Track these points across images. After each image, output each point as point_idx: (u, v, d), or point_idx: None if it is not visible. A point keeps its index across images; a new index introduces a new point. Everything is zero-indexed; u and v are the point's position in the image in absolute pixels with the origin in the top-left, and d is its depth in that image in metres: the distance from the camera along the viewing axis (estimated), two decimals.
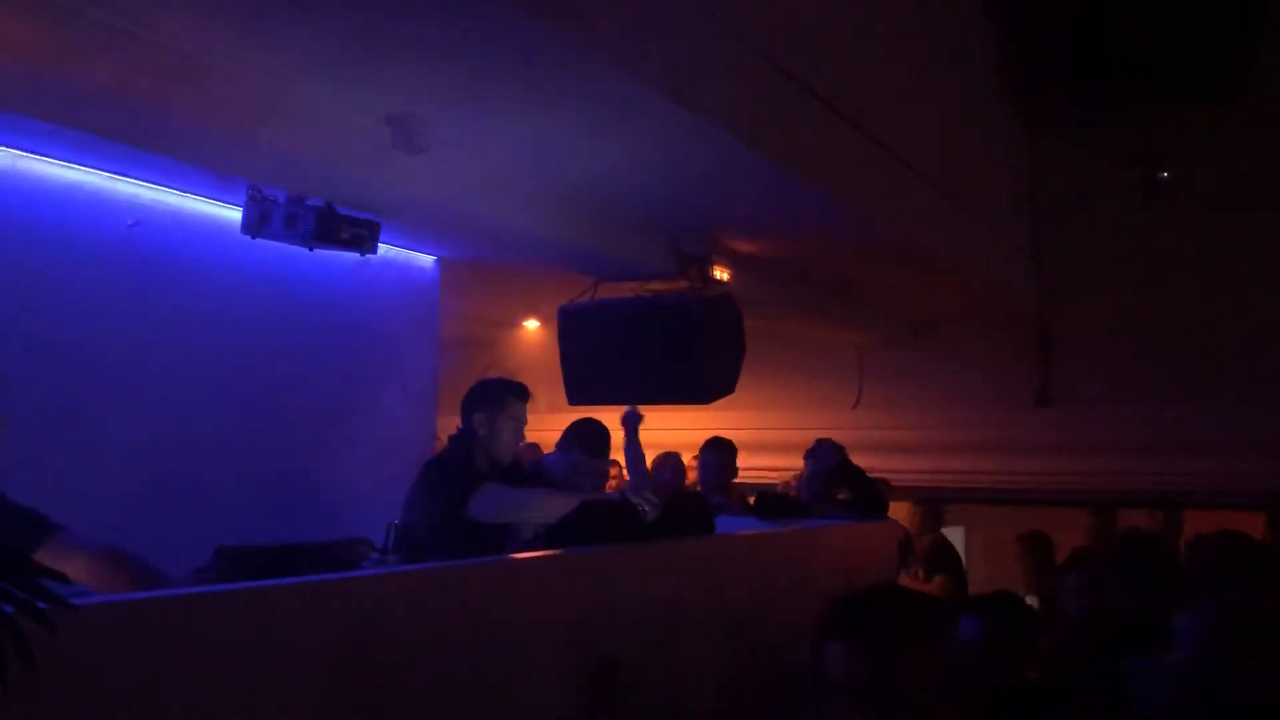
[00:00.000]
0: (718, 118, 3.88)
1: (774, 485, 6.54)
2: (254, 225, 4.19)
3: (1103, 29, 7.36)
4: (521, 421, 3.71)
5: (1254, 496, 7.05)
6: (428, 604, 2.33)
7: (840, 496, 5.06)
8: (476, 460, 3.57)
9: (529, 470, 4.02)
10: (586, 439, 4.26)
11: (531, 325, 9.02)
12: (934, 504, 6.82)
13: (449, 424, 3.97)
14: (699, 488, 5.65)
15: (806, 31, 4.53)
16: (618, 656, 2.81)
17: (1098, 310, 8.18)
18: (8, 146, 3.83)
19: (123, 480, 4.12)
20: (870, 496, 4.84)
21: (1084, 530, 6.36)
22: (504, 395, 3.70)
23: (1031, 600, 5.25)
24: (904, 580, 5.42)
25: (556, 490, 3.49)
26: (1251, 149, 7.72)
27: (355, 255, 4.46)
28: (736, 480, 6.06)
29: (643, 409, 6.44)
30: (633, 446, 5.57)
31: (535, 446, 6.45)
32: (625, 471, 5.92)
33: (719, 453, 5.65)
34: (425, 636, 2.27)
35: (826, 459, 4.81)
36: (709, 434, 5.90)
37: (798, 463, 5.60)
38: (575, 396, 5.81)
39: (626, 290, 5.83)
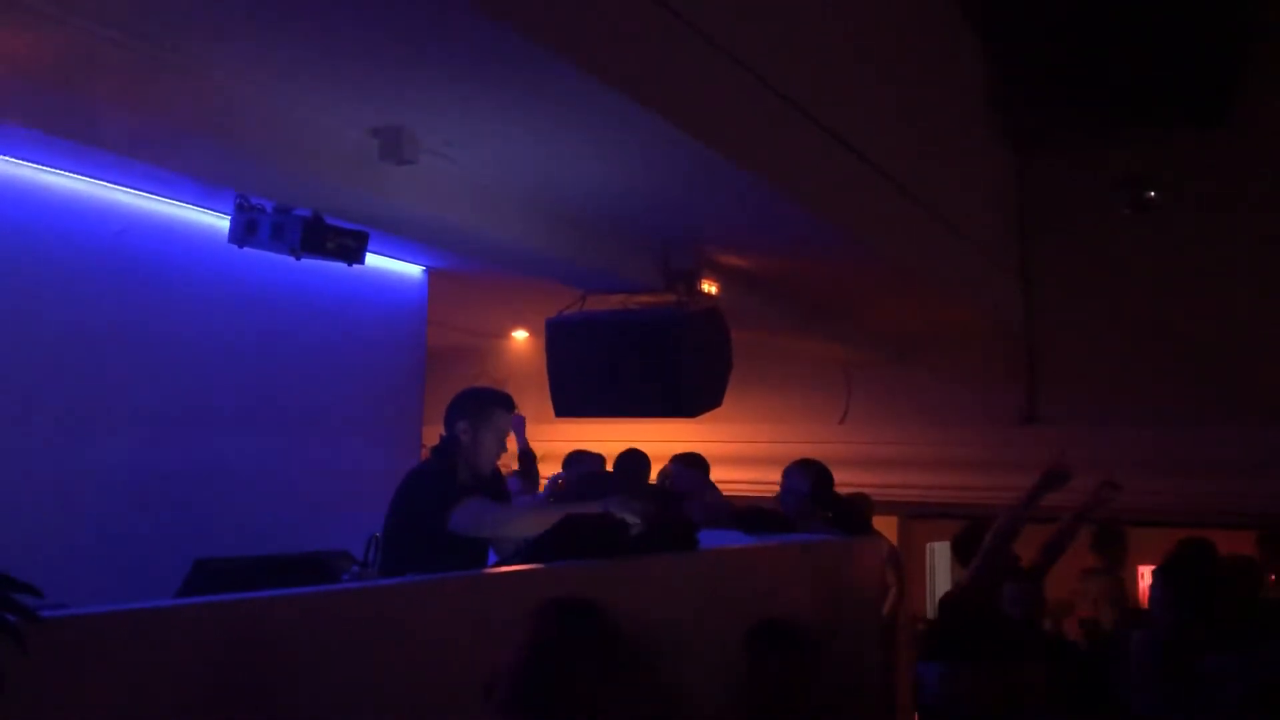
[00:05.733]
0: (708, 135, 3.89)
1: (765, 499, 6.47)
2: (241, 234, 4.18)
3: (1091, 50, 7.41)
4: (505, 432, 3.69)
5: (1241, 516, 7.09)
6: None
7: (827, 515, 5.05)
8: (459, 470, 3.55)
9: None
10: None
11: (520, 336, 9.02)
12: None
13: (436, 435, 3.96)
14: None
15: (797, 50, 4.55)
16: None
17: (1084, 329, 8.21)
18: None
19: (106, 489, 4.12)
20: (849, 514, 4.82)
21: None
22: (489, 405, 3.67)
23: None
24: None
25: (539, 505, 3.48)
26: (1238, 169, 7.78)
27: (343, 265, 4.46)
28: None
29: (629, 422, 6.47)
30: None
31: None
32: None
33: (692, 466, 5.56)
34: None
35: (797, 487, 4.76)
36: (695, 447, 5.89)
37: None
38: (562, 408, 5.81)
39: (615, 303, 5.83)
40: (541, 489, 6.03)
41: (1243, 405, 7.60)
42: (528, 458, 6.31)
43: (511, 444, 6.52)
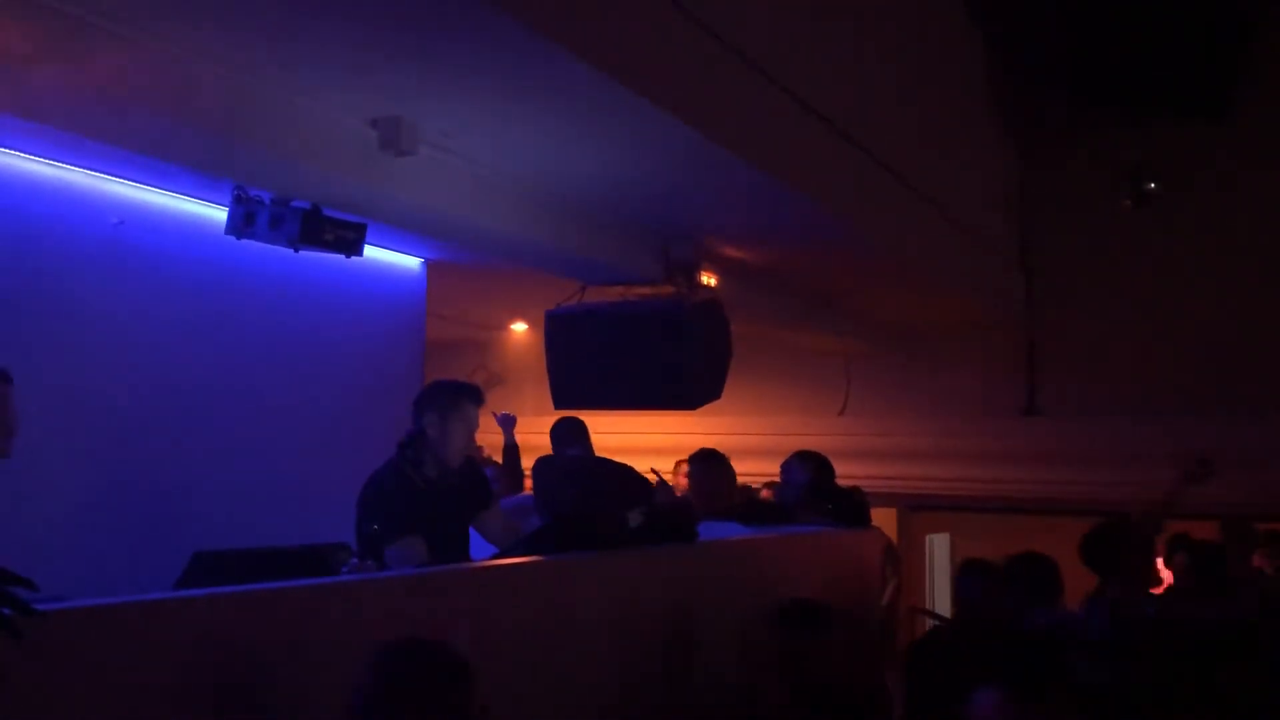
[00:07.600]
0: (708, 126, 3.87)
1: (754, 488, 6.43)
2: (239, 226, 4.16)
3: (1093, 42, 7.39)
4: (473, 424, 3.63)
5: (1240, 509, 7.06)
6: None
7: (827, 507, 5.03)
8: (424, 466, 3.52)
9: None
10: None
11: (519, 328, 9.01)
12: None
13: None
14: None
15: (798, 42, 4.53)
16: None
17: (1085, 321, 8.21)
18: None
19: (103, 481, 4.10)
20: (848, 506, 4.81)
21: None
22: (457, 396, 3.60)
23: None
24: None
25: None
26: (1239, 161, 7.76)
27: (341, 257, 4.44)
28: None
29: (629, 414, 6.45)
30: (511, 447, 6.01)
31: (480, 449, 6.50)
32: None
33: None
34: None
35: (797, 479, 4.75)
36: (695, 439, 5.86)
37: None
38: (561, 400, 5.81)
39: (614, 295, 5.83)
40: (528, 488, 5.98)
41: (1244, 397, 7.59)
42: (512, 454, 6.26)
43: (495, 439, 6.52)
